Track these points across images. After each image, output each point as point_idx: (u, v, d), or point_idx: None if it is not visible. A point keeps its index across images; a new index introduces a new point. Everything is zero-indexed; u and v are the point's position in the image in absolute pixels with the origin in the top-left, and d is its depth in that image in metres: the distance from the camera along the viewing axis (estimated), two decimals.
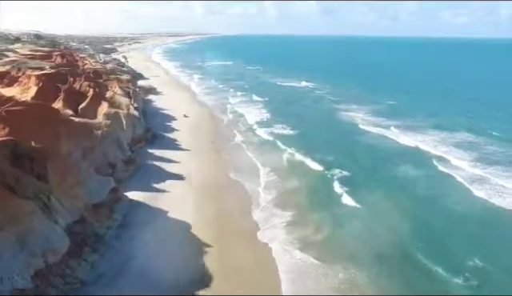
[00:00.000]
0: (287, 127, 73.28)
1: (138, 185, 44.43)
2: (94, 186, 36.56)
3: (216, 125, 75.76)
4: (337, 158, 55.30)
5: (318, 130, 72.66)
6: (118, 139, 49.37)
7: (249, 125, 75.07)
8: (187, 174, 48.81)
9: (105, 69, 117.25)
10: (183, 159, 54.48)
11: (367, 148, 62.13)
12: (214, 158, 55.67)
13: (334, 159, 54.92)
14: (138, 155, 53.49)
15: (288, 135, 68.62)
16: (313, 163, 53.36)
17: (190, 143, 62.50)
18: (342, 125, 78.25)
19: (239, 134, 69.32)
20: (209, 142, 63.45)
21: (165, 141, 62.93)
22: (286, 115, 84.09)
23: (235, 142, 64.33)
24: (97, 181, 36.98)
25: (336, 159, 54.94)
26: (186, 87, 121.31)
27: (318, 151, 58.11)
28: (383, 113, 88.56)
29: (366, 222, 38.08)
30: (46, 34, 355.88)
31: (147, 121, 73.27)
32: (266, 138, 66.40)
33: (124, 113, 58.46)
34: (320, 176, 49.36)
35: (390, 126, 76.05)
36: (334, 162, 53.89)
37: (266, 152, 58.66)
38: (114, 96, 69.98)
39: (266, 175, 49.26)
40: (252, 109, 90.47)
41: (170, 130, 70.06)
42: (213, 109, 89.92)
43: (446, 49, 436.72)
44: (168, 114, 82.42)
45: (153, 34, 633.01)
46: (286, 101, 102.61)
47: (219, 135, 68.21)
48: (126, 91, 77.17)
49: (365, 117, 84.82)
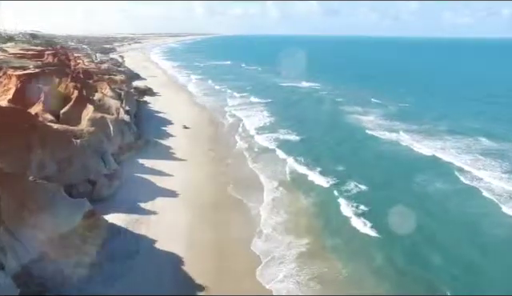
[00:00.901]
0: (292, 133, 66.27)
1: (122, 204, 37.45)
2: (63, 210, 29.55)
3: (215, 130, 68.79)
4: (347, 171, 48.24)
5: (325, 136, 65.59)
6: (101, 149, 42.35)
7: (250, 130, 68.03)
8: (181, 190, 41.82)
9: (99, 69, 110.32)
10: (178, 171, 47.48)
11: (379, 158, 55.06)
12: (212, 170, 48.66)
13: (344, 172, 47.90)
14: (126, 167, 46.48)
15: (293, 142, 61.63)
16: (321, 178, 46.30)
17: (186, 151, 55.53)
18: (350, 129, 71.14)
19: (240, 140, 62.35)
20: (207, 150, 56.47)
21: (158, 149, 55.91)
22: (290, 118, 77.18)
23: (236, 150, 57.37)
24: (67, 204, 29.96)
25: (346, 172, 47.90)
26: (184, 88, 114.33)
27: (325, 162, 51.20)
28: (393, 116, 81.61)
29: (386, 253, 31.16)
30: (45, 33, 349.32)
31: (140, 125, 66.32)
32: (270, 145, 59.40)
33: (112, 118, 51.46)
34: (329, 193, 42.15)
35: (401, 130, 69.07)
36: (344, 175, 46.90)
37: (269, 162, 51.68)
38: (102, 98, 63.02)
39: (270, 192, 42.25)
40: (253, 112, 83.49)
41: (165, 135, 63.05)
42: (212, 111, 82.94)
43: (449, 48, 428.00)
44: (164, 117, 75.42)
45: (153, 34, 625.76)
46: (289, 102, 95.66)
47: (219, 142, 61.24)
48: (117, 93, 70.21)
49: (374, 120, 77.87)
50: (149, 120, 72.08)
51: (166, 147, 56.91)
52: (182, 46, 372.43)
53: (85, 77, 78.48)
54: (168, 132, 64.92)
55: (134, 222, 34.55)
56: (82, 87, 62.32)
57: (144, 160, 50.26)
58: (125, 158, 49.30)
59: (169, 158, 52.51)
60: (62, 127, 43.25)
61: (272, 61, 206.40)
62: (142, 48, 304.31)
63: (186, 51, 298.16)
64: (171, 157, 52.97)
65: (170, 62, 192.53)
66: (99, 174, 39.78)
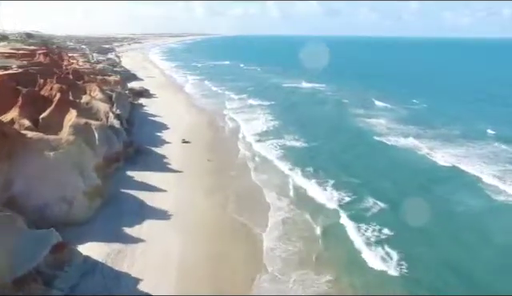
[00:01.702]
0: (297, 139, 60.02)
1: (104, 229, 31.24)
2: (23, 245, 23.38)
3: (214, 135, 62.51)
4: (361, 185, 41.92)
5: (333, 143, 59.27)
6: (80, 162, 36.09)
7: (252, 136, 61.78)
8: (174, 210, 35.59)
9: (93, 69, 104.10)
10: (172, 186, 41.25)
11: (395, 169, 48.75)
12: (211, 184, 42.39)
13: (358, 186, 41.61)
14: (112, 181, 40.21)
15: (299, 150, 55.36)
16: (332, 194, 40.03)
17: (182, 161, 49.28)
18: (359, 135, 64.81)
19: (241, 148, 56.11)
20: (205, 160, 50.20)
21: (151, 158, 49.64)
22: (294, 123, 70.95)
23: (237, 160, 51.11)
24: (27, 238, 23.76)
25: (360, 186, 41.60)
26: (182, 89, 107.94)
27: (336, 174, 45.03)
28: (403, 119, 75.43)
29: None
30: (45, 33, 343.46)
31: (132, 131, 60.07)
32: (274, 154, 53.12)
33: (97, 124, 45.15)
34: (343, 215, 35.60)
35: (415, 135, 63.02)
36: (357, 190, 40.69)
37: (274, 175, 45.45)
38: (90, 101, 56.79)
39: (276, 213, 35.98)
40: (254, 115, 77.25)
41: (160, 142, 56.79)
42: (211, 115, 76.62)
43: (451, 49, 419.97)
44: (160, 121, 69.10)
45: (154, 34, 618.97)
46: (291, 105, 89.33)
47: (218, 150, 54.95)
48: (107, 95, 63.99)
49: (385, 124, 71.62)
50: (143, 125, 65.81)
51: (159, 156, 50.64)
52: (182, 47, 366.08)
53: (74, 77, 72.32)
54: (163, 138, 58.64)
55: (115, 253, 28.29)
56: (67, 89, 56.18)
57: (134, 172, 44.00)
58: (111, 170, 43.02)
59: (162, 169, 46.25)
60: (38, 136, 36.98)
61: (272, 61, 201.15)
62: (141, 48, 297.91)
63: (185, 51, 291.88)
64: (165, 168, 46.72)
65: (169, 63, 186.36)
66: (77, 191, 33.53)
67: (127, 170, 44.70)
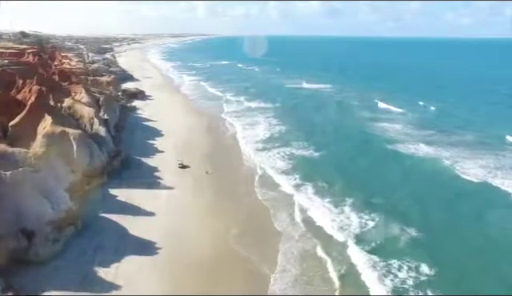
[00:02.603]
0: (307, 147, 53.15)
1: (70, 272, 24.48)
2: None
3: (214, 143, 55.61)
4: (382, 209, 34.88)
5: (346, 152, 52.51)
6: (49, 182, 29.30)
7: (256, 143, 54.96)
8: (162, 241, 28.84)
9: (86, 69, 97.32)
10: (162, 207, 34.49)
11: (418, 185, 41.84)
12: (208, 204, 35.64)
13: (380, 210, 34.70)
14: (90, 202, 33.39)
15: (309, 160, 48.42)
16: (350, 219, 33.41)
17: (176, 174, 42.52)
18: (373, 143, 57.73)
19: (245, 157, 49.29)
20: (203, 172, 43.43)
21: (140, 171, 42.89)
22: (301, 127, 64.24)
23: (240, 173, 44.23)
24: None
25: (381, 210, 34.63)
26: (180, 90, 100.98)
27: (352, 191, 38.52)
28: (418, 123, 68.51)
29: None
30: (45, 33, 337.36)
31: (121, 138, 53.31)
32: (282, 165, 46.23)
33: (76, 133, 38.30)
34: (364, 256, 28.45)
35: (436, 143, 56.37)
36: (379, 215, 33.81)
37: (284, 194, 38.57)
38: (73, 105, 49.98)
39: (287, 244, 29.25)
40: (257, 118, 70.38)
41: (152, 151, 50.00)
42: (210, 119, 69.75)
43: (454, 49, 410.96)
44: (153, 126, 62.27)
45: (155, 34, 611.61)
46: (296, 107, 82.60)
47: (218, 160, 48.07)
48: (94, 98, 57.19)
49: (401, 129, 64.84)
50: (134, 130, 59.01)
51: (150, 168, 43.84)
52: (181, 47, 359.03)
53: (60, 78, 65.57)
54: (155, 146, 51.82)
55: None
56: (48, 92, 49.40)
57: (118, 190, 37.20)
58: (91, 187, 36.22)
59: (152, 184, 39.43)
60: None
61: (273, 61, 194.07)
62: (140, 48, 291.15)
63: (184, 51, 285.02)
64: (156, 183, 39.89)
65: (167, 63, 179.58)
66: (41, 220, 26.74)
67: (111, 186, 37.90)
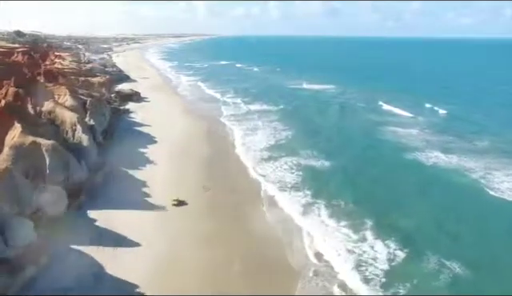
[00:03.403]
0: (317, 156, 47.06)
1: None
2: None
3: (213, 151, 49.43)
4: (412, 236, 29.15)
5: (361, 163, 46.38)
6: (4, 208, 23.20)
7: (260, 151, 48.92)
8: (146, 286, 22.73)
9: (79, 69, 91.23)
10: (149, 234, 28.43)
11: (449, 204, 35.88)
12: (206, 231, 29.53)
13: (411, 238, 28.96)
14: (60, 230, 27.23)
15: (322, 173, 42.31)
16: (375, 248, 27.65)
17: (168, 190, 36.42)
18: (390, 151, 51.59)
19: (248, 169, 43.13)
20: (200, 188, 37.35)
21: (126, 187, 36.76)
22: (308, 133, 58.41)
23: (244, 188, 38.08)
24: None
25: (412, 238, 28.90)
26: (177, 91, 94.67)
27: (374, 211, 32.87)
28: (434, 128, 62.42)
29: None
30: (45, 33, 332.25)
31: (109, 147, 47.17)
32: (292, 179, 40.12)
33: (49, 144, 32.19)
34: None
35: (451, 151, 50.39)
36: (411, 243, 28.12)
37: (296, 215, 32.50)
38: (54, 109, 43.86)
39: (309, 284, 23.25)
40: (260, 123, 64.32)
41: (142, 162, 43.85)
42: (209, 122, 63.61)
43: (455, 49, 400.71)
44: (146, 132, 56.07)
45: (155, 35, 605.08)
46: (300, 110, 76.41)
47: (218, 173, 41.97)
48: (80, 101, 51.06)
49: (417, 134, 58.75)
50: (125, 137, 52.85)
51: (138, 183, 37.71)
52: (181, 47, 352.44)
53: (46, 79, 59.51)
54: (147, 156, 45.66)
55: None
56: (27, 93, 43.35)
57: (97, 211, 31.12)
58: (67, 210, 30.09)
59: (139, 204, 33.33)
60: None
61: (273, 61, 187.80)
62: (140, 48, 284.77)
63: (184, 51, 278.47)
64: (142, 202, 33.78)
65: (166, 62, 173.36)
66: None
67: (90, 206, 31.83)
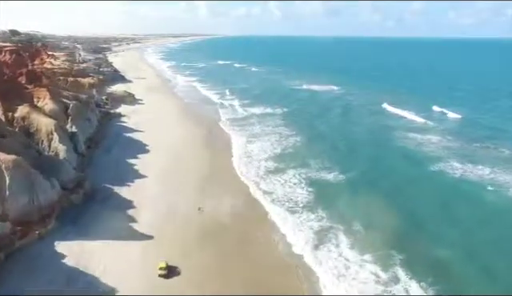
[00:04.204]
0: (330, 167, 41.23)
1: None
2: None
3: (211, 161, 43.45)
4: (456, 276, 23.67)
5: (377, 173, 40.78)
6: None
7: (265, 161, 43.02)
8: None
9: (70, 69, 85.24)
10: (130, 276, 22.52)
11: (482, 230, 30.42)
12: (202, 271, 23.65)
13: (452, 277, 23.79)
14: (12, 274, 21.28)
15: (338, 189, 36.52)
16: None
17: (158, 211, 30.57)
18: (411, 161, 45.73)
19: (253, 184, 37.16)
20: (195, 209, 31.42)
21: (108, 208, 30.85)
22: (317, 139, 52.84)
23: (246, 208, 32.21)
24: None
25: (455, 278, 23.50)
26: (175, 93, 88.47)
27: (399, 240, 27.50)
28: (453, 133, 56.53)
29: None
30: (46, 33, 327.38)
31: (92, 158, 41.27)
32: (303, 197, 34.24)
33: (10, 160, 26.24)
34: None
35: (484, 162, 44.84)
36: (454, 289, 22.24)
37: (311, 249, 26.61)
38: (29, 115, 37.95)
39: None
40: (264, 127, 58.40)
41: (130, 176, 37.86)
42: (207, 127, 57.54)
43: (457, 49, 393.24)
44: (138, 139, 49.99)
45: (156, 35, 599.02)
46: (305, 113, 70.46)
47: (215, 188, 36.03)
48: (62, 105, 45.10)
49: (438, 142, 52.73)
50: (113, 145, 46.83)
51: (123, 204, 31.75)
52: (181, 47, 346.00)
53: (28, 80, 53.57)
54: (136, 168, 39.70)
55: None
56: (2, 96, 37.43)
57: (69, 243, 25.24)
58: (26, 242, 24.18)
59: (121, 232, 27.41)
60: None
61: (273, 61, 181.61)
62: (139, 48, 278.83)
63: (184, 51, 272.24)
64: (127, 229, 27.90)
65: (164, 62, 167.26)
66: None
67: (61, 235, 25.93)
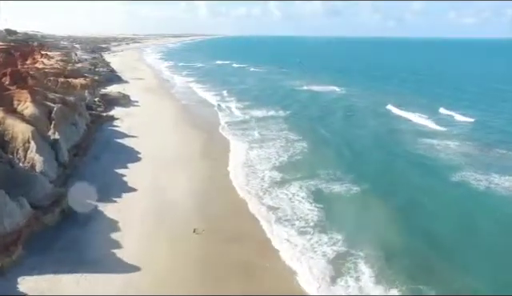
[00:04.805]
0: (342, 179, 36.73)
1: None
2: None
3: (210, 172, 38.99)
4: None
5: (396, 185, 36.43)
6: None
7: (269, 171, 38.63)
8: None
9: (63, 69, 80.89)
10: None
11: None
12: None
13: None
14: None
15: (351, 202, 32.11)
16: None
17: (145, 234, 26.14)
18: (427, 167, 41.49)
19: (256, 199, 32.71)
20: (190, 231, 27.01)
21: (88, 232, 26.44)
22: (324, 145, 48.53)
23: (248, 229, 27.78)
24: None
25: None
26: (172, 94, 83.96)
27: (434, 273, 22.72)
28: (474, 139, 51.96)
29: None
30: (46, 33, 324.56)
31: (78, 167, 36.84)
32: (315, 214, 29.79)
33: None
34: None
35: (504, 171, 39.79)
36: None
37: (325, 285, 22.21)
38: (3, 121, 33.52)
39: None
40: (267, 132, 54.00)
41: (117, 189, 33.34)
42: (206, 131, 53.20)
43: (459, 49, 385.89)
44: (130, 145, 45.59)
45: (156, 35, 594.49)
46: (310, 114, 66.42)
47: (213, 205, 31.60)
48: (46, 108, 40.67)
49: (457, 148, 48.24)
50: (102, 153, 42.34)
51: (106, 227, 27.28)
52: (181, 46, 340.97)
53: (12, 81, 49.13)
54: (125, 180, 35.23)
55: None
56: None
57: (35, 278, 20.81)
58: None
59: (100, 261, 22.98)
60: None
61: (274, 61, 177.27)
62: (139, 48, 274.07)
63: (184, 51, 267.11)
64: (107, 256, 23.46)
65: (163, 62, 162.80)
66: None
67: (27, 268, 21.49)
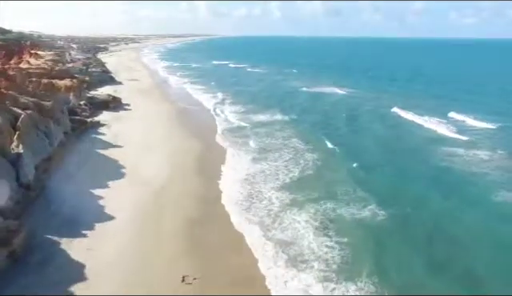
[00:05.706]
0: (366, 199, 30.29)
1: None
2: None
3: (204, 193, 32.52)
4: None
5: (426, 214, 29.87)
6: None
7: (279, 190, 32.15)
8: None
9: (50, 69, 74.55)
10: None
11: None
12: None
13: None
14: None
15: (376, 234, 25.70)
16: None
17: (120, 284, 19.74)
18: (459, 185, 34.92)
19: (262, 230, 26.28)
20: (178, 279, 20.57)
21: (46, 276, 20.09)
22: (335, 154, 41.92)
23: (255, 274, 21.36)
24: None
25: None
26: (168, 96, 77.48)
27: None
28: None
29: None
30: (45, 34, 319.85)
31: (45, 187, 30.43)
32: (336, 251, 23.37)
33: None
34: None
35: None
36: None
37: None
38: None
39: None
40: (271, 141, 47.44)
41: (92, 216, 26.95)
42: (202, 142, 46.52)
43: (461, 49, 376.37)
44: (113, 158, 39.12)
45: (156, 35, 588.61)
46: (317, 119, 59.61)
47: (208, 240, 25.16)
48: (12, 116, 34.20)
49: (488, 159, 41.73)
50: (80, 168, 35.83)
51: (68, 269, 20.90)
52: (181, 47, 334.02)
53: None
54: (102, 204, 28.73)
55: None
56: None
57: None
58: None
59: None
60: None
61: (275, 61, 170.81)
62: (138, 48, 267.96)
63: (184, 51, 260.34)
64: None
65: (161, 63, 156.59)
66: None
67: None
